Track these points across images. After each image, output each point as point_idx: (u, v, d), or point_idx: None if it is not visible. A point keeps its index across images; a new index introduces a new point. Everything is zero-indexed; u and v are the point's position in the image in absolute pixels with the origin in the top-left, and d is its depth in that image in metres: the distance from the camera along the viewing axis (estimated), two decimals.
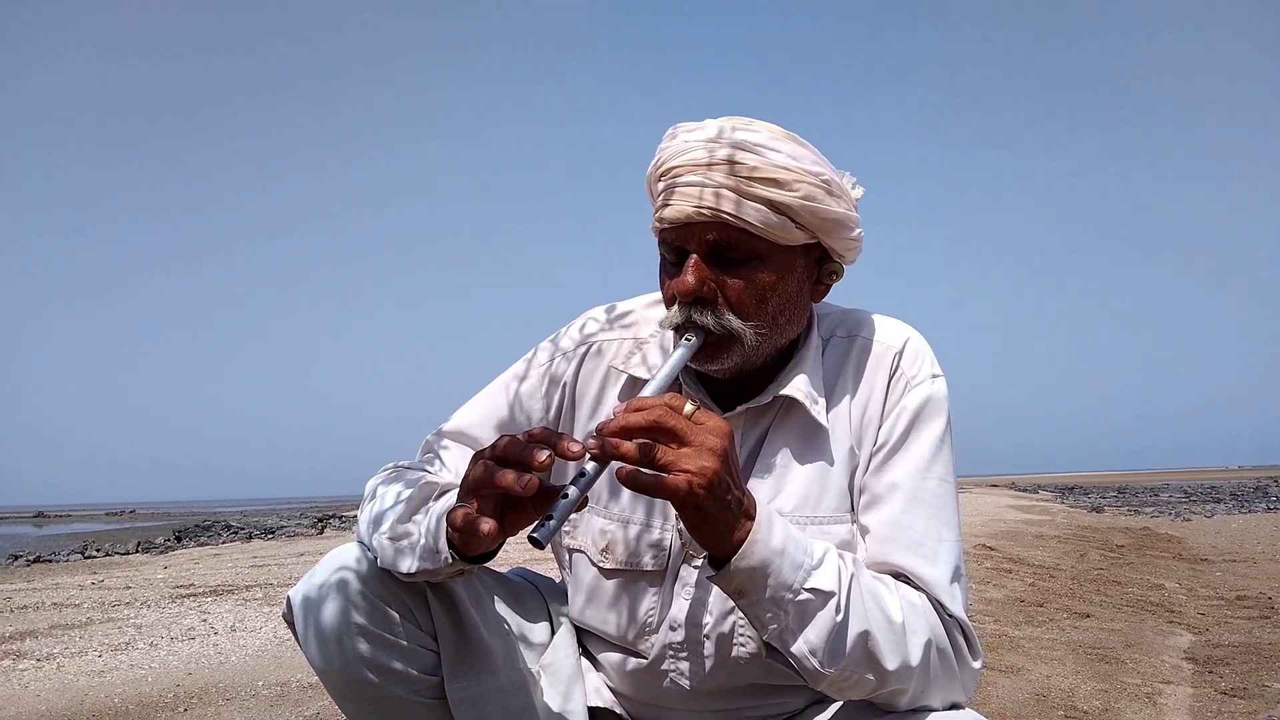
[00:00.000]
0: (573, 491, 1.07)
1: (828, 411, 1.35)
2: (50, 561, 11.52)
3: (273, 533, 16.35)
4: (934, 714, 1.20)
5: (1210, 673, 3.81)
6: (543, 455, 1.06)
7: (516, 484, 1.06)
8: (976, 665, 1.25)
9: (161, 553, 12.23)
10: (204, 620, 5.11)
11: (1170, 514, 15.81)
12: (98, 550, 13.09)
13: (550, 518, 1.05)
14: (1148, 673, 3.81)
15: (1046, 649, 4.18)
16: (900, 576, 1.24)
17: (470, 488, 1.11)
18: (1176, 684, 3.64)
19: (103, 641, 4.52)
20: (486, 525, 1.08)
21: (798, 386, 1.34)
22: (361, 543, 1.32)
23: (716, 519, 1.09)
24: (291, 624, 1.33)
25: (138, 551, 12.79)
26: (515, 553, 7.32)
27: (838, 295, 1.44)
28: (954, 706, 1.23)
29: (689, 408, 1.09)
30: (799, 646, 1.14)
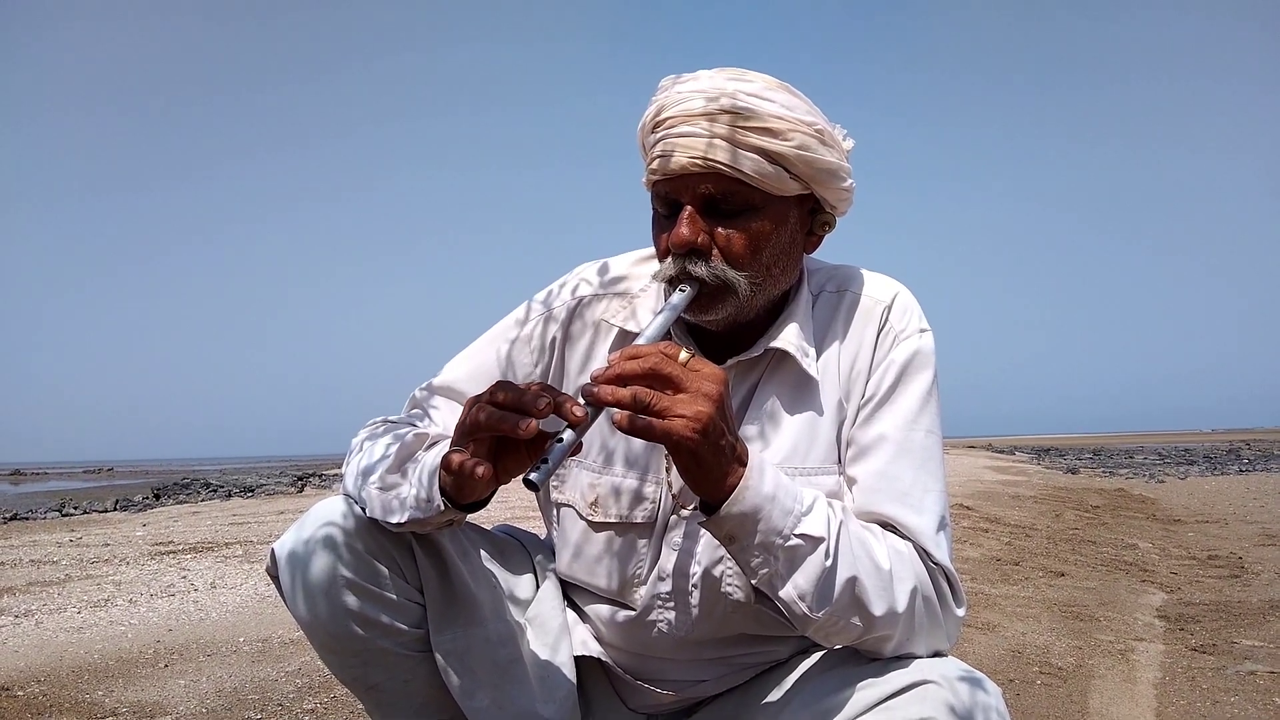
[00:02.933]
0: (568, 435, 1.07)
1: (817, 364, 1.36)
2: (27, 519, 11.44)
3: (252, 491, 16.32)
4: (918, 660, 1.21)
5: (1181, 630, 3.88)
6: (542, 402, 1.06)
7: (517, 427, 1.05)
8: (960, 613, 1.27)
9: (140, 510, 12.19)
10: (184, 577, 5.10)
11: (1144, 475, 16.02)
12: (75, 508, 13.02)
13: (546, 460, 1.05)
14: (1121, 630, 3.87)
15: (1022, 607, 4.24)
16: (887, 526, 1.26)
17: (466, 431, 1.11)
18: (1149, 641, 3.70)
19: (81, 598, 4.51)
20: (482, 468, 1.08)
21: (788, 339, 1.34)
22: (348, 496, 1.32)
23: (710, 464, 1.09)
24: (276, 578, 1.33)
25: (116, 509, 12.73)
26: (498, 511, 7.34)
27: (831, 253, 1.44)
28: (937, 654, 1.24)
29: (684, 355, 1.10)
30: (788, 591, 1.15)
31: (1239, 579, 5.11)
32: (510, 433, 1.06)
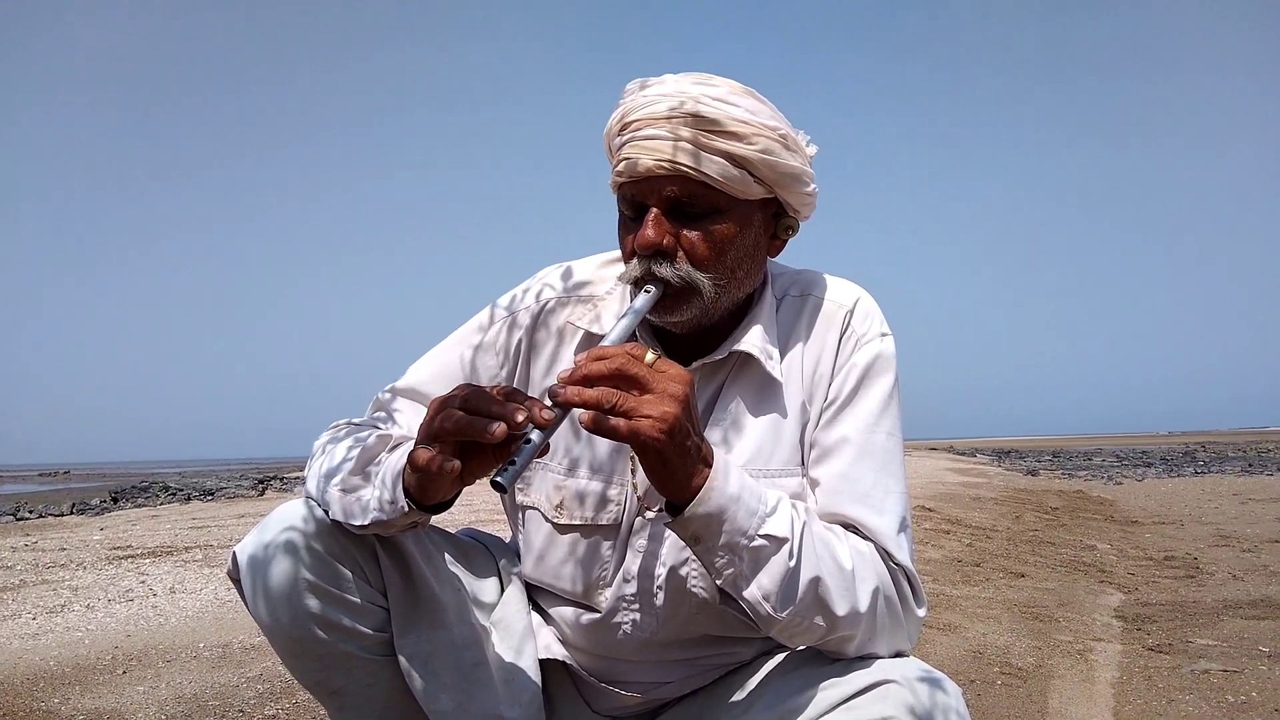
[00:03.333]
0: (535, 436, 1.07)
1: (781, 366, 1.37)
2: None
3: (212, 494, 16.12)
4: (880, 661, 1.23)
5: (1139, 630, 3.94)
6: (520, 416, 1.05)
7: (485, 431, 1.05)
8: (921, 613, 1.28)
9: (98, 514, 11.99)
10: (142, 582, 5.03)
11: (1103, 478, 16.24)
12: (30, 512, 12.78)
13: (513, 462, 1.05)
14: (1079, 630, 3.93)
15: (983, 608, 4.29)
16: (849, 527, 1.27)
17: (433, 435, 1.10)
18: (1107, 641, 3.76)
19: (37, 604, 4.43)
20: (451, 464, 1.07)
21: (752, 341, 1.35)
22: (310, 499, 1.31)
23: (676, 465, 1.10)
24: (237, 581, 1.32)
25: (73, 513, 12.51)
26: (462, 514, 7.31)
27: (796, 256, 1.45)
28: (899, 654, 1.26)
29: (650, 356, 1.11)
30: (752, 592, 1.16)
31: (1194, 579, 5.20)
32: (479, 437, 1.06)
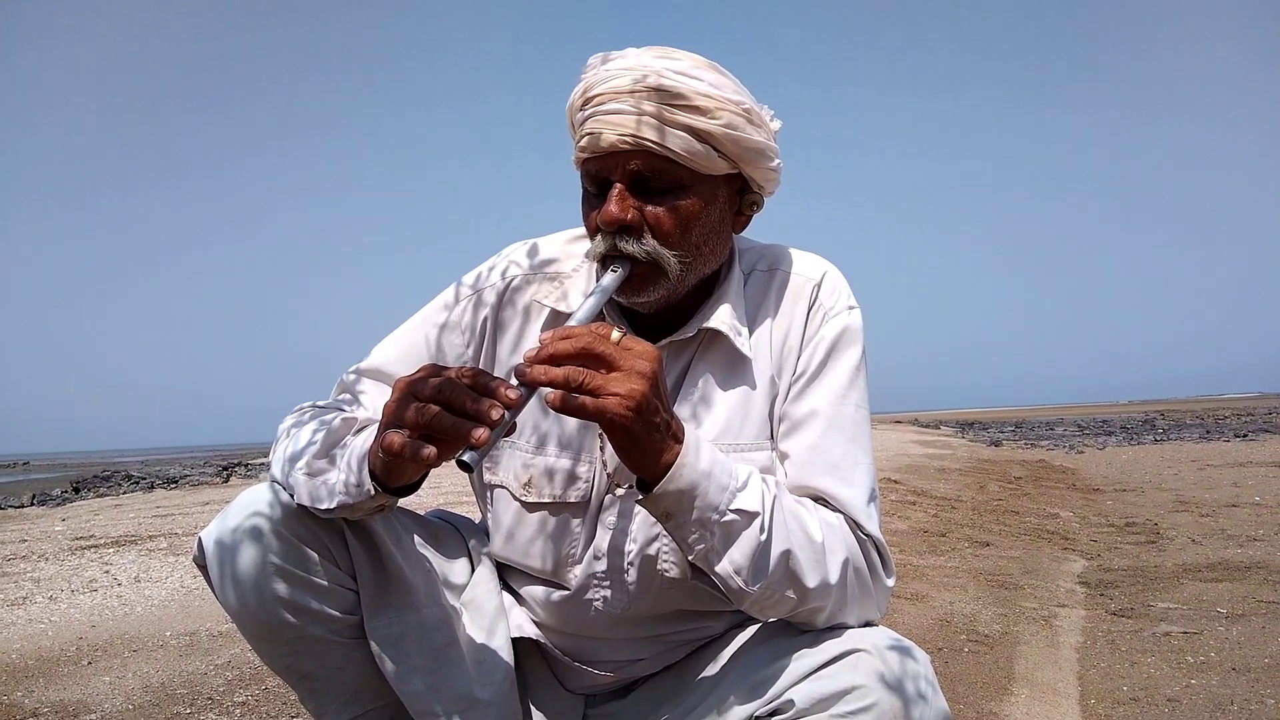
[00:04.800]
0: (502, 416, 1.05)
1: (749, 342, 1.37)
2: None
3: (176, 482, 15.93)
4: (850, 631, 1.23)
5: (1101, 595, 4.02)
6: (495, 414, 1.04)
7: (470, 434, 1.02)
8: (890, 583, 1.30)
9: (59, 504, 11.82)
10: (106, 571, 4.97)
11: (1064, 447, 16.49)
12: None
13: None
14: (1044, 597, 3.99)
15: (949, 577, 4.34)
16: (819, 499, 1.28)
17: (410, 427, 1.08)
18: (1071, 607, 3.82)
19: None
20: (427, 451, 1.05)
21: (721, 318, 1.35)
22: (275, 482, 1.29)
23: (645, 442, 1.10)
24: (203, 566, 1.30)
25: (33, 504, 12.31)
26: (430, 496, 7.28)
27: (760, 229, 1.45)
28: (868, 624, 1.27)
29: (616, 334, 1.10)
30: (724, 566, 1.16)
31: (1155, 544, 5.29)
32: (464, 440, 1.03)
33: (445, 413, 1.05)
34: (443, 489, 8.24)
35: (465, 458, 1.03)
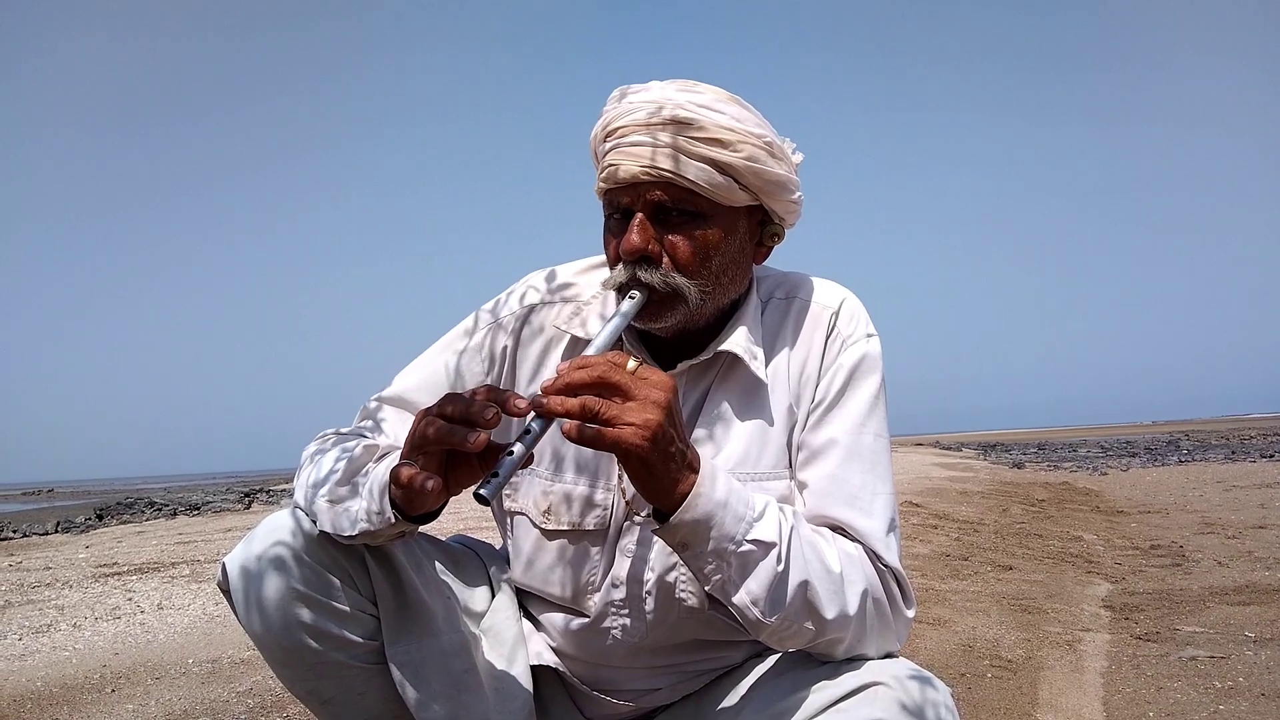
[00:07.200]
0: (518, 448, 1.07)
1: (767, 369, 1.37)
2: None
3: (198, 509, 16.01)
4: (869, 662, 1.23)
5: (1126, 619, 3.97)
6: (490, 413, 1.06)
7: (465, 441, 1.05)
8: (910, 614, 1.29)
9: (82, 532, 11.89)
10: (129, 599, 4.99)
11: (1088, 468, 16.33)
12: (14, 531, 12.65)
13: (496, 474, 1.06)
14: (1068, 621, 3.95)
15: (972, 601, 4.31)
16: (837, 529, 1.27)
17: (416, 445, 1.11)
18: (1095, 631, 3.78)
19: (22, 624, 4.39)
20: (432, 482, 1.07)
21: (737, 341, 1.36)
22: (298, 509, 1.31)
23: (660, 472, 1.10)
24: (227, 592, 1.31)
25: (57, 531, 12.39)
26: (451, 522, 7.29)
27: (780, 256, 1.46)
28: (888, 655, 1.26)
29: (632, 364, 1.11)
30: (740, 597, 1.16)
31: (1180, 567, 5.23)
32: (460, 446, 1.06)
33: (443, 423, 1.08)
34: (463, 515, 8.25)
35: (481, 490, 1.05)
